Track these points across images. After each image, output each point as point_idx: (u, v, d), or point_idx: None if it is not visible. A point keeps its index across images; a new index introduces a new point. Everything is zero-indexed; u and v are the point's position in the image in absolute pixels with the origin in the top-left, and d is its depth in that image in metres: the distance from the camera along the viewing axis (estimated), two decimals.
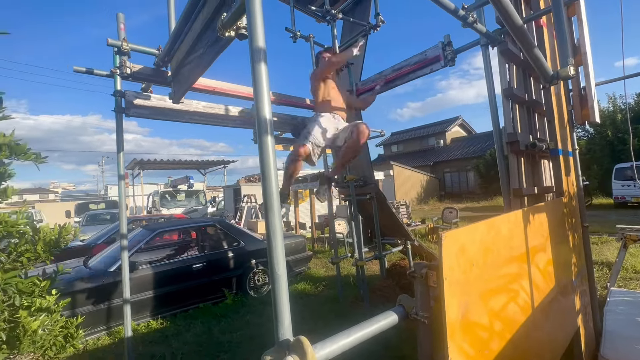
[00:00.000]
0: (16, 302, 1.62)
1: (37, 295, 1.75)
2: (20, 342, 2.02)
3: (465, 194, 21.13)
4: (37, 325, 2.09)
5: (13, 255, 1.65)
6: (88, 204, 14.26)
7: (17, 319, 1.91)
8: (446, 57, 2.66)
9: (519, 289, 1.53)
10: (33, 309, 2.08)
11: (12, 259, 1.65)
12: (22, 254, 1.66)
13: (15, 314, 1.87)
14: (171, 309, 4.15)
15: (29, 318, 2.03)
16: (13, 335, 2.01)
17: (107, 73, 2.45)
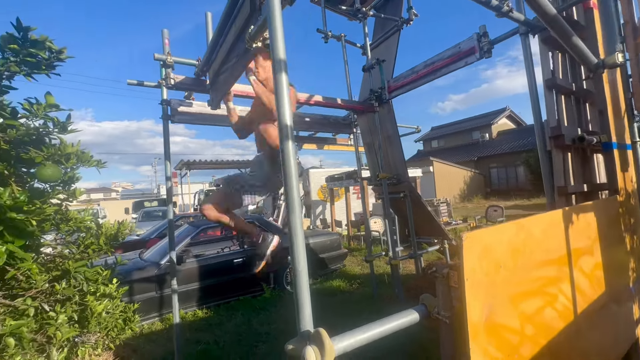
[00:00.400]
0: (84, 288, 1.88)
1: (101, 282, 2.00)
2: (88, 322, 2.34)
3: (514, 191, 19.65)
4: (102, 309, 2.39)
5: (81, 247, 1.92)
6: (143, 202, 15.65)
7: (86, 303, 2.21)
8: (482, 48, 2.54)
9: (557, 293, 1.44)
10: (98, 295, 2.39)
11: (80, 250, 1.92)
12: (88, 247, 1.92)
13: (84, 298, 2.17)
14: (215, 300, 4.45)
15: (95, 302, 2.34)
16: (83, 317, 2.32)
17: (155, 84, 2.71)
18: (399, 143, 3.81)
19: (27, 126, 1.44)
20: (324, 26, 4.16)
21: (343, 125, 4.10)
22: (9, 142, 1.38)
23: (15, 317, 1.77)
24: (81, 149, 1.59)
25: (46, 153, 1.43)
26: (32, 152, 1.40)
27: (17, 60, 1.30)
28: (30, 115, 1.44)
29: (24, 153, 1.46)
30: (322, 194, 11.11)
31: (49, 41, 1.34)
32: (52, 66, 1.44)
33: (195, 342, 3.34)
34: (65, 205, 1.87)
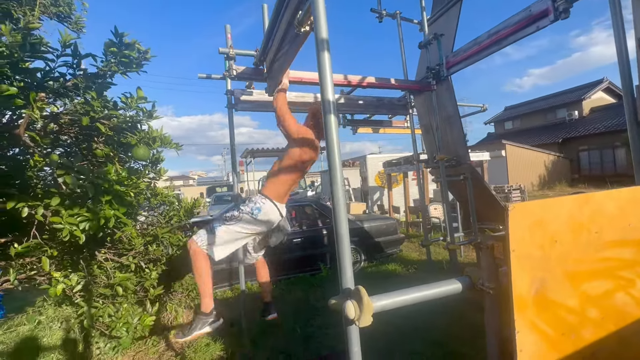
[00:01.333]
0: (169, 251, 2.25)
1: (181, 247, 2.38)
2: (174, 283, 2.79)
3: (611, 177, 16.70)
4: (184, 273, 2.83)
5: (166, 218, 2.30)
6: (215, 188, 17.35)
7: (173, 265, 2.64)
8: (557, 8, 2.24)
9: (634, 278, 1.29)
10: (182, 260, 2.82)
11: (166, 220, 2.29)
12: (171, 217, 2.29)
13: (170, 261, 2.60)
14: (276, 275, 4.83)
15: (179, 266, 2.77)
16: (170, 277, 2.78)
17: (220, 76, 3.00)
18: (459, 122, 3.59)
19: (124, 116, 1.79)
20: (378, 5, 4.06)
21: (399, 107, 4.00)
22: (112, 129, 1.74)
23: (122, 271, 2.23)
24: (164, 134, 1.91)
25: (138, 137, 1.75)
26: (129, 136, 1.74)
27: (116, 61, 1.62)
28: (126, 107, 1.77)
29: (123, 138, 1.82)
30: (380, 180, 10.97)
31: (138, 44, 1.64)
32: (141, 65, 1.75)
33: (258, 310, 3.71)
34: (153, 182, 2.25)
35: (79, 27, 2.00)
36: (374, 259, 5.41)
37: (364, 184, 11.30)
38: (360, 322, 0.97)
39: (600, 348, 1.17)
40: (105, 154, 1.78)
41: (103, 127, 1.62)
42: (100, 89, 1.64)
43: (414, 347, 2.70)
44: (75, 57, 1.53)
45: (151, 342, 2.94)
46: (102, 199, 1.58)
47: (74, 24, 1.99)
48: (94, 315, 2.20)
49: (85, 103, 1.60)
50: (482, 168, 8.68)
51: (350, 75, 3.16)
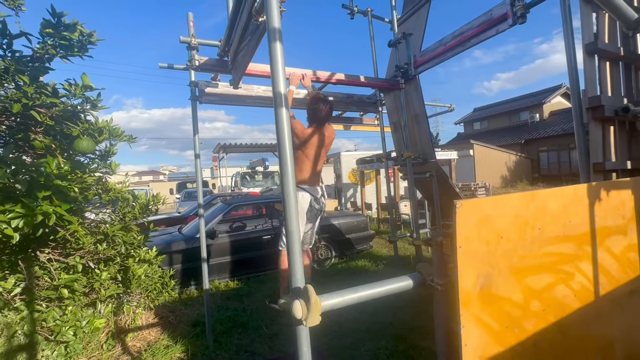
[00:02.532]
0: (122, 250, 2.12)
1: (136, 246, 2.25)
2: (130, 283, 2.63)
3: (567, 176, 17.98)
4: (141, 272, 2.68)
5: (120, 215, 2.16)
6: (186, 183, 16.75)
7: (127, 265, 2.49)
8: (515, 13, 2.32)
9: (574, 272, 1.36)
10: (137, 259, 2.68)
11: (119, 217, 2.15)
12: (125, 214, 2.15)
13: (125, 261, 2.45)
14: (245, 273, 4.74)
15: (135, 266, 2.63)
16: (125, 278, 2.63)
17: (183, 66, 2.86)
18: (425, 121, 3.66)
19: (66, 104, 1.64)
20: (350, 1, 4.05)
21: (368, 104, 4.02)
22: (53, 119, 1.59)
23: (69, 273, 2.07)
24: (113, 126, 1.78)
25: (81, 127, 1.62)
26: (71, 127, 1.60)
27: (54, 43, 1.48)
28: (70, 95, 1.63)
29: (67, 129, 1.67)
30: (353, 177, 11.08)
31: (80, 25, 1.50)
32: (85, 48, 1.61)
33: (226, 309, 3.62)
34: (105, 177, 2.10)
35: (16, 4, 1.80)
36: (344, 255, 5.46)
37: (338, 181, 11.37)
38: (307, 322, 0.94)
39: (541, 339, 1.23)
40: (45, 145, 1.62)
41: (39, 116, 1.48)
42: (34, 73, 1.48)
43: (379, 343, 2.73)
44: (4, 37, 1.38)
45: (106, 347, 2.78)
46: (40, 195, 1.45)
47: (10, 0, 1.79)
48: (36, 320, 2.03)
49: (17, 88, 1.44)
50: (451, 166, 9.00)
51: (319, 71, 3.12)
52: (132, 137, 1.91)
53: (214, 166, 20.67)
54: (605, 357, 1.50)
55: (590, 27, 1.96)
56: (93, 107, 1.67)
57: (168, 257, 4.12)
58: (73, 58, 1.57)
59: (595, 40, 1.95)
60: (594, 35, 1.99)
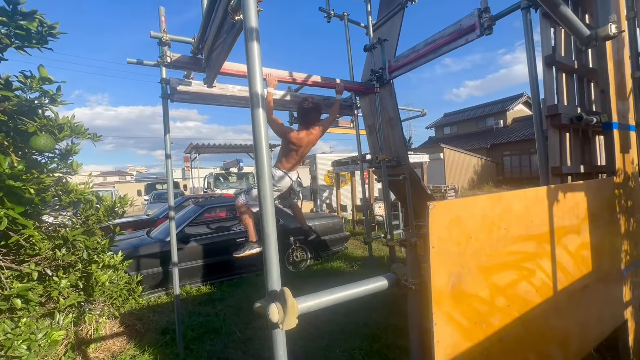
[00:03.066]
0: (84, 255, 1.99)
1: (100, 251, 2.11)
2: (93, 290, 2.47)
3: (527, 179, 19.19)
4: (106, 279, 2.52)
5: (82, 218, 2.02)
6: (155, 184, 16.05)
7: (89, 271, 2.34)
8: (482, 25, 2.45)
9: (535, 269, 1.45)
10: (101, 265, 2.52)
11: (81, 220, 2.02)
12: (88, 217, 2.02)
13: (87, 267, 2.30)
14: (218, 277, 4.61)
15: (99, 272, 2.47)
16: (88, 285, 2.46)
17: (154, 63, 2.74)
18: (399, 125, 3.76)
19: (21, 98, 1.51)
20: (326, 4, 4.09)
21: (344, 107, 4.06)
22: (6, 114, 1.46)
23: (22, 281, 1.90)
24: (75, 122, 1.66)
25: (39, 123, 1.50)
26: (26, 122, 1.47)
27: (8, 32, 1.36)
28: (25, 88, 1.50)
29: (22, 125, 1.54)
30: (329, 179, 11.14)
31: (39, 15, 1.38)
32: (45, 40, 1.49)
33: (197, 314, 3.50)
34: (65, 178, 1.96)
35: None
36: (320, 256, 5.46)
37: (314, 183, 11.38)
38: (284, 325, 0.93)
39: (506, 333, 1.30)
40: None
41: None
42: None
43: (354, 343, 2.76)
44: None
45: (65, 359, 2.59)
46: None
47: None
48: None
49: None
50: (423, 169, 9.30)
51: (295, 73, 3.12)
52: (97, 136, 1.80)
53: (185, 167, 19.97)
54: (562, 349, 1.61)
55: (549, 41, 2.11)
56: (52, 102, 1.54)
57: (135, 262, 3.92)
58: (31, 50, 1.45)
59: (553, 53, 2.10)
60: (552, 48, 2.14)
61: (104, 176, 43.10)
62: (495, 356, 1.25)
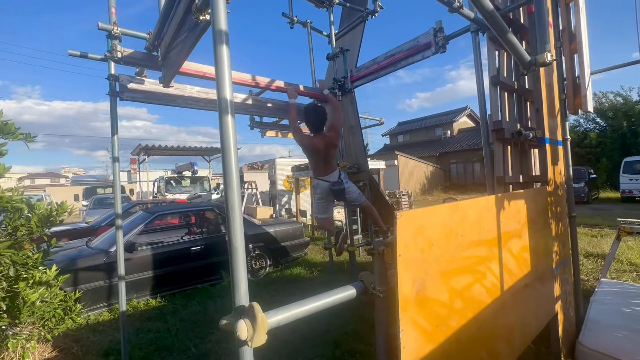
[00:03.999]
0: (10, 272, 1.72)
1: (31, 267, 1.85)
2: (20, 312, 2.16)
3: (471, 185, 20.95)
4: (36, 297, 2.22)
5: (9, 229, 1.76)
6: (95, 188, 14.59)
7: (16, 290, 2.04)
8: (437, 43, 2.64)
9: (486, 272, 1.57)
10: (32, 282, 2.21)
11: (7, 232, 1.75)
12: (17, 228, 1.76)
13: (14, 285, 2.00)
14: (170, 288, 4.30)
15: (28, 290, 2.16)
16: (13, 306, 2.14)
17: (101, 57, 2.51)
18: (360, 133, 3.88)
19: None
20: (289, 11, 4.09)
21: None
22: None
23: None
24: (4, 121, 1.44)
25: None
26: None
27: None
28: None
29: None
30: (288, 184, 11.07)
31: None
32: None
33: (146, 331, 3.22)
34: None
35: None
36: (279, 263, 5.38)
37: (273, 188, 11.22)
38: (253, 342, 0.89)
39: (462, 334, 1.38)
40: None
41: None
42: None
43: (316, 351, 2.74)
44: None
45: None
46: None
47: None
48: None
49: None
50: (379, 175, 9.66)
51: (258, 77, 3.06)
52: (31, 136, 1.57)
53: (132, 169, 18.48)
54: (508, 344, 1.77)
55: (494, 62, 2.33)
56: None
57: (73, 276, 3.50)
58: None
59: (497, 74, 2.32)
60: (497, 69, 2.37)
61: (31, 178, 38.10)
62: (454, 356, 1.33)
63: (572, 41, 2.76)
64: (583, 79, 2.67)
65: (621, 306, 2.85)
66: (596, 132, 17.50)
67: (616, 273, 4.28)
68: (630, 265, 4.55)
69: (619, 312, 2.73)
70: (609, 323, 2.55)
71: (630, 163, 12.16)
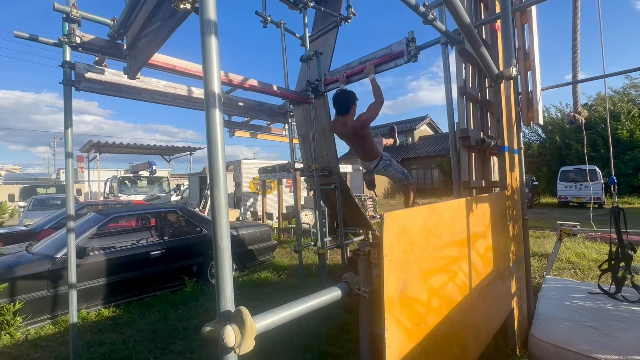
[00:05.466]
0: None
1: None
2: None
3: (430, 190, 22.09)
4: None
5: None
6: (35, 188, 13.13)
7: None
8: (409, 52, 2.76)
9: (458, 271, 1.66)
10: None
11: None
12: None
13: None
14: (125, 297, 3.98)
15: None
16: None
17: (54, 41, 2.27)
18: (332, 136, 3.91)
19: None
20: (263, 9, 4.03)
21: (278, 114, 4.03)
22: None
23: None
24: None
25: None
26: None
27: None
28: None
29: None
30: (254, 186, 10.84)
31: None
32: None
33: (99, 344, 2.94)
34: None
35: None
36: (246, 267, 5.23)
37: (238, 190, 10.92)
38: (241, 349, 0.85)
39: (438, 331, 1.44)
40: None
41: None
42: None
43: (287, 355, 2.69)
44: None
45: None
46: None
47: None
48: None
49: None
50: (346, 179, 9.82)
51: (232, 74, 2.97)
52: None
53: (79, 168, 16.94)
54: (475, 339, 1.87)
55: (462, 74, 2.49)
56: None
57: (10, 286, 3.09)
58: None
59: (464, 85, 2.48)
60: (464, 81, 2.53)
61: None
62: (431, 352, 1.37)
63: (526, 59, 3.03)
64: (535, 94, 2.94)
65: (564, 300, 3.16)
66: (537, 144, 19.41)
67: (557, 270, 4.74)
68: (568, 263, 5.08)
69: (563, 306, 3.03)
70: (555, 316, 2.82)
71: (566, 172, 13.64)
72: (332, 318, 3.24)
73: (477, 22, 2.41)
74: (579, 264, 4.95)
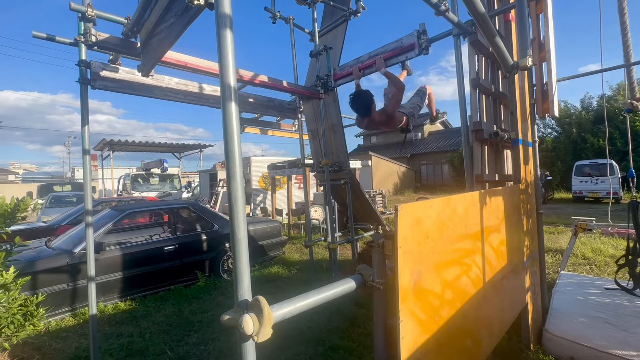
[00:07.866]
0: None
1: None
2: None
3: (440, 186, 21.85)
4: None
5: None
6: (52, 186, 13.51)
7: None
8: (420, 45, 2.72)
9: (471, 264, 1.64)
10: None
11: None
12: None
13: None
14: (140, 290, 4.08)
15: None
16: None
17: (70, 41, 2.32)
18: (342, 132, 3.90)
19: None
20: (272, 5, 4.03)
21: (288, 110, 4.04)
22: None
23: None
24: None
25: None
26: None
27: None
28: None
29: None
30: (264, 182, 10.92)
31: None
32: None
33: (117, 336, 3.03)
34: None
35: None
36: (256, 262, 5.29)
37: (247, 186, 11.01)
38: (259, 337, 0.87)
39: (452, 323, 1.43)
40: None
41: None
42: None
43: (298, 348, 2.72)
44: None
45: None
46: None
47: None
48: None
49: None
50: (355, 175, 9.80)
51: (242, 70, 2.99)
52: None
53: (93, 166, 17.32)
54: (488, 333, 1.86)
55: (474, 66, 2.44)
56: None
57: (32, 279, 3.21)
58: None
59: (477, 77, 2.44)
60: (476, 73, 2.49)
61: None
62: (444, 345, 1.37)
63: (541, 50, 2.96)
64: (550, 85, 2.87)
65: (579, 296, 3.10)
66: (551, 138, 18.95)
67: (572, 266, 4.65)
68: (584, 259, 4.97)
69: (578, 302, 2.97)
70: (570, 311, 2.77)
71: (581, 166, 13.29)
72: (343, 312, 3.26)
73: (492, 12, 2.36)
74: (594, 260, 4.84)
